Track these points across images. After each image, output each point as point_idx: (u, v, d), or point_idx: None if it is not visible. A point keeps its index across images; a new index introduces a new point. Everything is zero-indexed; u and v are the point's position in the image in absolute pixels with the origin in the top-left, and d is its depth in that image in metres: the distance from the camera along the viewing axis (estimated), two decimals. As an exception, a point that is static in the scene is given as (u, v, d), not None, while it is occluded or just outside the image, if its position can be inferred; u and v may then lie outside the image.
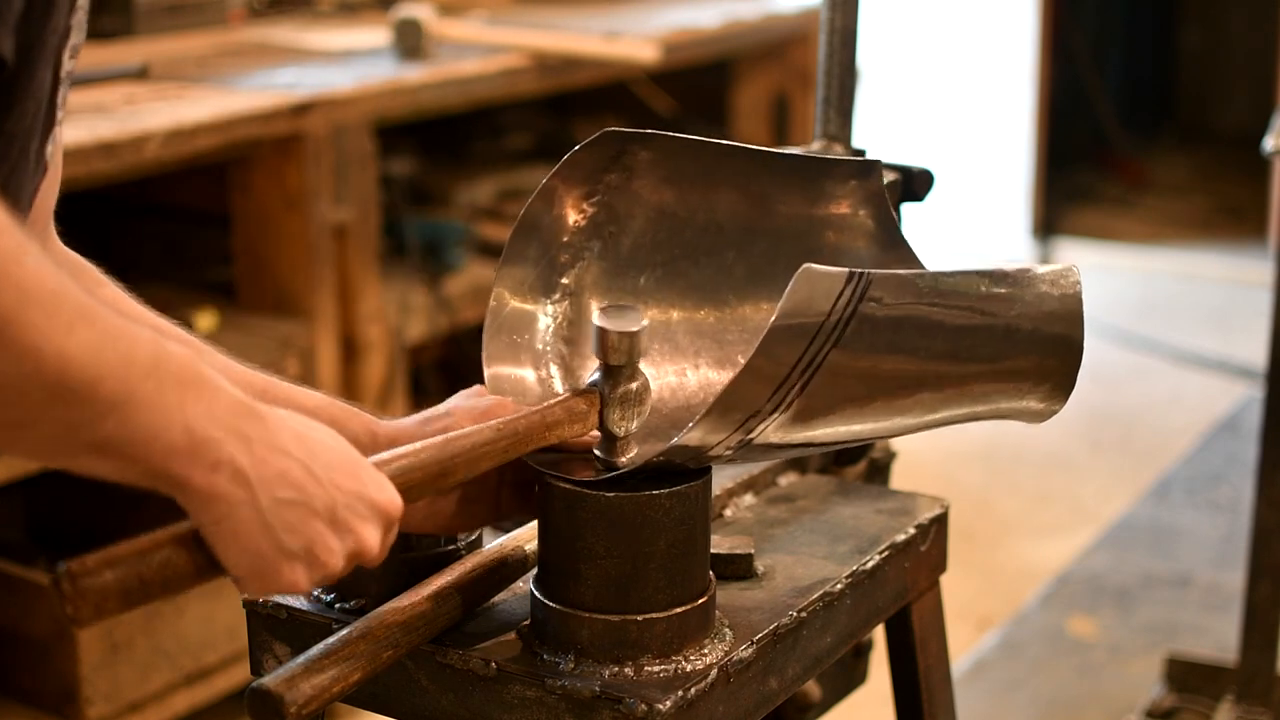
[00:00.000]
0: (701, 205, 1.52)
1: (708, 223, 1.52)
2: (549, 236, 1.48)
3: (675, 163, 1.49)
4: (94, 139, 2.61)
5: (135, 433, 1.05)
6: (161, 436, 1.06)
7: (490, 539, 1.46)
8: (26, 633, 2.73)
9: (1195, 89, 7.84)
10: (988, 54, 6.26)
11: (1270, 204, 5.95)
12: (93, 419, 1.03)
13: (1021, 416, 1.43)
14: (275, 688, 1.19)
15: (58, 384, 1.01)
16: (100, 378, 1.02)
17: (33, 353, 1.00)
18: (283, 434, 1.13)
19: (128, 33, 3.47)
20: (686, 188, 1.51)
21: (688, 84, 4.27)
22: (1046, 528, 3.99)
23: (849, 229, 1.53)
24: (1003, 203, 6.33)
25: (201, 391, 1.08)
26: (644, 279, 1.52)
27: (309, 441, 1.14)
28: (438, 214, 3.76)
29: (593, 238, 1.50)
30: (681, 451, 1.29)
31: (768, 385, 1.25)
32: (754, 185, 1.51)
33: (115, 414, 1.04)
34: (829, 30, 1.85)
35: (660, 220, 1.52)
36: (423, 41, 3.37)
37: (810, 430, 1.32)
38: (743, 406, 1.26)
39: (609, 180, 1.48)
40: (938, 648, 1.68)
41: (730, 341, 1.53)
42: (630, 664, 1.30)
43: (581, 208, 1.48)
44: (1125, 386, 4.94)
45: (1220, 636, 3.31)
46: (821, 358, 1.26)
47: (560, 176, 1.46)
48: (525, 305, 1.48)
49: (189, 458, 1.07)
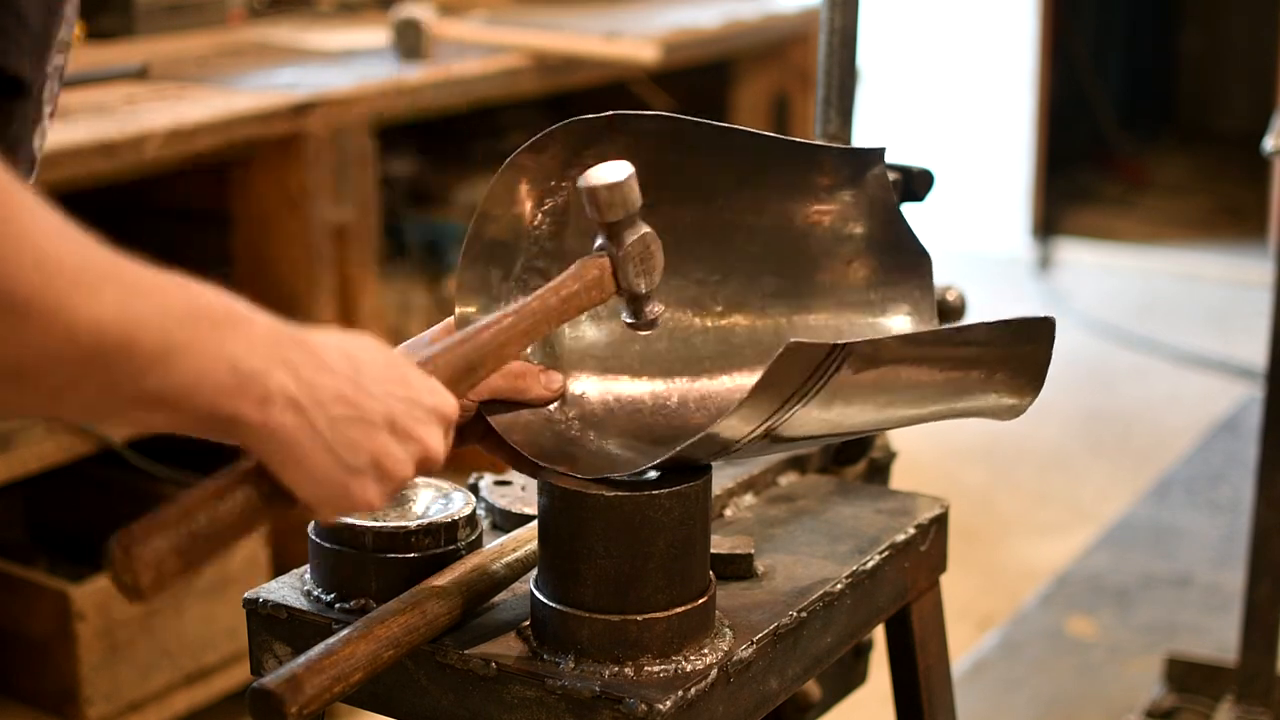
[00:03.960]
0: (681, 199, 1.46)
1: (686, 218, 1.47)
2: (510, 235, 1.42)
3: (652, 152, 1.42)
4: (94, 139, 2.61)
5: (181, 381, 1.03)
6: (207, 379, 1.04)
7: (490, 539, 1.46)
8: (26, 633, 2.73)
9: (1195, 90, 7.84)
10: (988, 55, 6.26)
11: (1270, 204, 5.94)
12: (134, 375, 1.02)
13: (990, 414, 1.42)
14: (276, 688, 1.19)
15: (94, 349, 0.99)
16: (135, 335, 1.00)
17: (63, 323, 0.98)
18: (328, 353, 1.11)
19: (128, 33, 3.47)
20: (664, 180, 1.43)
21: (688, 84, 4.27)
22: (1046, 527, 3.99)
23: (847, 219, 1.50)
24: (1003, 203, 6.33)
25: (238, 326, 1.07)
26: None
27: (354, 356, 1.13)
28: (438, 214, 3.76)
29: (557, 236, 1.44)
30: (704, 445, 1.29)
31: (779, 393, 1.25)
32: (747, 174, 1.47)
33: (157, 367, 1.02)
34: (829, 30, 1.85)
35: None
36: (423, 41, 3.37)
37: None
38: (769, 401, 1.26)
39: (573, 175, 1.41)
40: (938, 648, 1.68)
41: (708, 353, 1.50)
42: (630, 664, 1.30)
43: (544, 203, 1.43)
44: (1125, 386, 4.94)
45: (1220, 636, 3.31)
46: (789, 415, 1.27)
47: (517, 169, 1.40)
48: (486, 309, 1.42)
49: (238, 395, 1.06)
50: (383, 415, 1.13)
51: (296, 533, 1.61)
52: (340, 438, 1.10)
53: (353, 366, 1.12)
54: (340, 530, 1.40)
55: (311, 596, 1.42)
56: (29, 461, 2.67)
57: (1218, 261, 6.07)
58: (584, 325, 1.46)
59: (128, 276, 1.02)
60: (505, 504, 1.55)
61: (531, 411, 1.40)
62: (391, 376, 1.15)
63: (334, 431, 1.10)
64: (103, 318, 0.99)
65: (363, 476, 1.12)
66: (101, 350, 1.00)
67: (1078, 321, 5.40)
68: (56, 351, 0.99)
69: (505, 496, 1.57)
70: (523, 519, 1.52)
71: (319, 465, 1.10)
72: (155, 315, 1.02)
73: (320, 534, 1.41)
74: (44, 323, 0.98)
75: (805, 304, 1.50)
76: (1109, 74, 7.17)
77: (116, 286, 1.01)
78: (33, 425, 2.69)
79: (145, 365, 1.01)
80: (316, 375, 1.09)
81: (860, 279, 1.51)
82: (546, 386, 1.40)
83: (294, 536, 2.91)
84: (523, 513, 1.53)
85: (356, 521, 1.39)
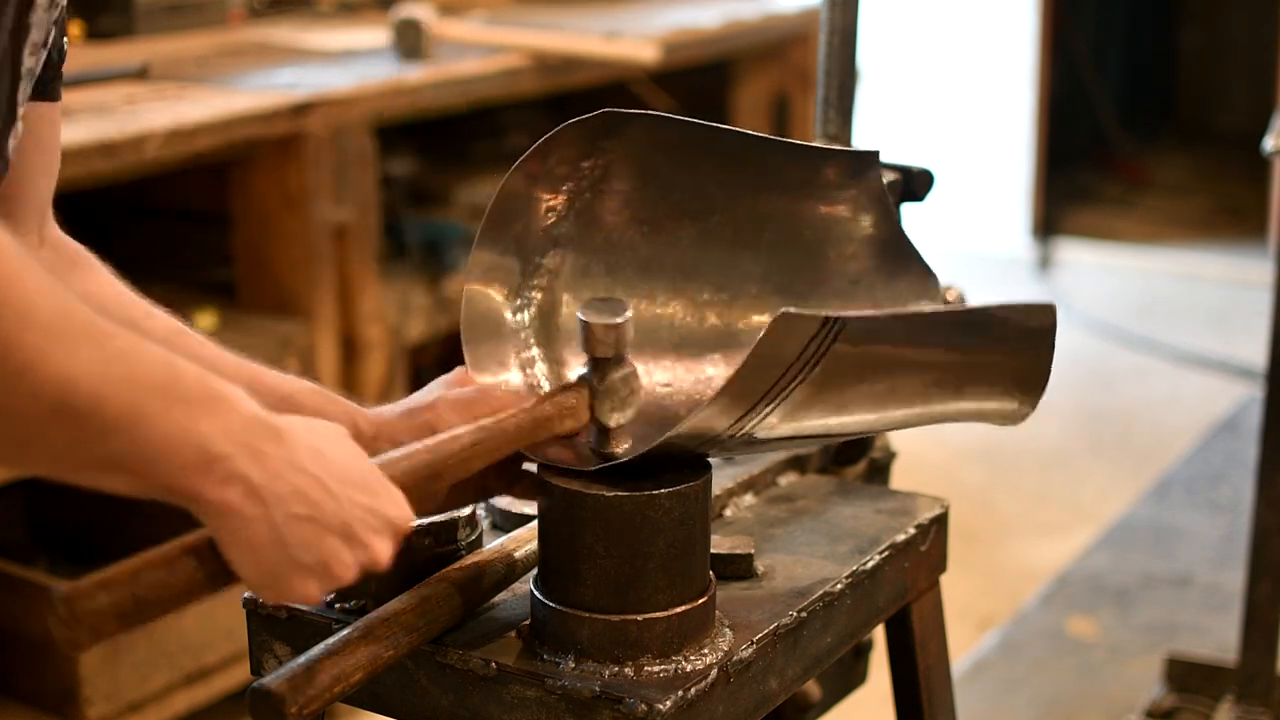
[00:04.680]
0: (684, 195, 1.47)
1: (689, 213, 1.48)
2: (521, 228, 1.45)
3: (659, 150, 1.45)
4: (94, 139, 2.61)
5: (145, 450, 1.06)
6: (173, 453, 1.07)
7: (490, 539, 1.46)
8: (26, 633, 2.73)
9: (1195, 89, 7.84)
10: (988, 54, 6.26)
11: (1270, 204, 5.94)
12: (99, 437, 1.04)
13: (992, 419, 1.43)
14: (276, 688, 1.19)
15: (59, 405, 1.01)
16: (105, 397, 1.03)
17: (31, 375, 1.00)
18: (299, 451, 1.13)
19: (128, 33, 3.47)
20: (670, 176, 1.46)
21: (688, 84, 4.27)
22: (1046, 528, 3.99)
23: (844, 220, 1.51)
24: (1003, 203, 6.33)
25: (216, 408, 1.09)
26: (624, 270, 1.49)
27: (325, 457, 1.15)
28: (438, 214, 3.76)
29: (568, 227, 1.46)
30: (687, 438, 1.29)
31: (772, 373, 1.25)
32: (744, 173, 1.47)
33: (124, 432, 1.04)
34: (829, 30, 1.86)
35: (641, 209, 1.48)
36: (423, 41, 3.37)
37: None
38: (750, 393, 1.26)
39: (585, 168, 1.44)
40: (938, 648, 1.68)
41: (711, 347, 1.51)
42: (630, 664, 1.30)
43: (556, 196, 1.45)
44: (1125, 386, 4.94)
45: (1220, 636, 3.31)
46: (788, 392, 1.26)
47: (535, 163, 1.43)
48: (500, 303, 1.45)
49: (201, 474, 1.08)
50: (339, 520, 1.15)
51: (296, 533, 1.61)
52: (293, 534, 1.12)
53: (323, 466, 1.14)
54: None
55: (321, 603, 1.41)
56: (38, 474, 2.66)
57: (1218, 261, 6.07)
58: None
59: (109, 340, 1.04)
60: (505, 504, 1.56)
61: None
62: (357, 482, 1.17)
63: (288, 527, 1.12)
64: (75, 375, 1.01)
65: (307, 573, 1.14)
66: (69, 406, 1.02)
67: (1078, 321, 5.40)
68: (23, 403, 1.01)
69: (505, 496, 1.57)
70: (523, 519, 1.52)
71: (267, 556, 1.13)
72: (129, 382, 1.04)
73: (320, 534, 1.41)
74: (13, 371, 1.00)
75: (807, 304, 1.50)
76: (1109, 71, 7.17)
77: (95, 347, 1.03)
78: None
79: (112, 428, 1.04)
80: (284, 469, 1.11)
81: (861, 280, 1.51)
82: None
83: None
84: (523, 513, 1.53)
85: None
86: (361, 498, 1.16)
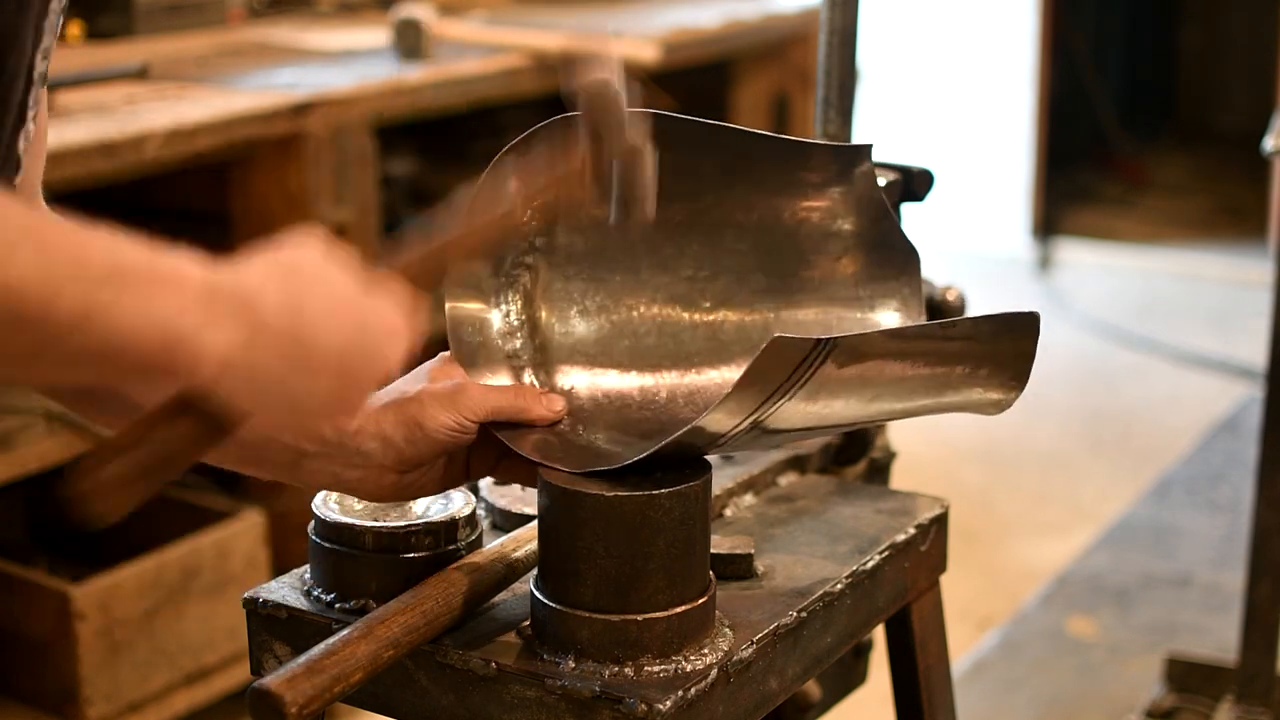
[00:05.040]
0: (671, 197, 1.42)
1: (675, 216, 1.47)
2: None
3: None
4: (94, 139, 2.61)
5: (107, 343, 1.00)
6: (136, 342, 1.00)
7: (490, 539, 1.46)
8: (26, 633, 2.73)
9: (1195, 89, 7.84)
10: (988, 54, 6.26)
11: (1270, 204, 5.95)
12: (57, 338, 0.98)
13: (976, 409, 1.42)
14: (276, 688, 1.19)
15: (8, 312, 0.96)
16: (52, 296, 0.97)
17: None
18: (264, 306, 1.06)
19: (128, 33, 3.47)
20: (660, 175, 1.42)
21: (688, 84, 4.26)
22: (1046, 528, 3.99)
23: (836, 216, 1.50)
24: (1003, 203, 6.33)
25: (167, 284, 1.02)
26: (612, 275, 1.48)
27: (296, 297, 1.07)
28: (438, 214, 3.75)
29: (547, 232, 1.45)
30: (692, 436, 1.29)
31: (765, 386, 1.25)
32: (733, 165, 1.46)
33: (80, 330, 0.98)
34: (829, 30, 1.86)
35: None
36: (423, 41, 3.37)
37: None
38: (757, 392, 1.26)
39: None
40: (938, 648, 1.68)
41: (696, 348, 1.50)
42: (630, 664, 1.30)
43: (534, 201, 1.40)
44: (1125, 386, 4.94)
45: (1220, 636, 3.31)
46: (775, 409, 1.27)
47: (504, 168, 1.40)
48: (481, 311, 1.44)
49: (168, 356, 1.02)
50: (333, 356, 1.08)
51: (296, 533, 1.62)
52: (284, 392, 1.07)
53: (294, 310, 1.07)
54: (340, 530, 1.40)
55: (311, 596, 1.41)
56: (29, 461, 2.67)
57: (1218, 261, 6.07)
58: (573, 320, 1.47)
59: (48, 237, 0.98)
60: (505, 504, 1.56)
61: None
62: (338, 307, 1.10)
63: (277, 388, 1.06)
64: (16, 280, 0.96)
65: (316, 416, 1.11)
66: (17, 313, 0.96)
67: (1078, 321, 5.40)
68: None
69: (505, 496, 1.57)
70: (523, 519, 1.52)
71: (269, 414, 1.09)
72: (74, 276, 0.98)
73: (320, 534, 1.41)
74: None
75: (794, 300, 1.50)
76: (1109, 71, 7.17)
77: (33, 248, 0.97)
78: (33, 425, 2.69)
79: (67, 328, 0.98)
80: (254, 334, 1.05)
81: (849, 275, 1.51)
82: (548, 408, 1.40)
83: (294, 536, 2.91)
84: (523, 513, 1.53)
85: (356, 522, 1.39)
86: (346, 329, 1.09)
